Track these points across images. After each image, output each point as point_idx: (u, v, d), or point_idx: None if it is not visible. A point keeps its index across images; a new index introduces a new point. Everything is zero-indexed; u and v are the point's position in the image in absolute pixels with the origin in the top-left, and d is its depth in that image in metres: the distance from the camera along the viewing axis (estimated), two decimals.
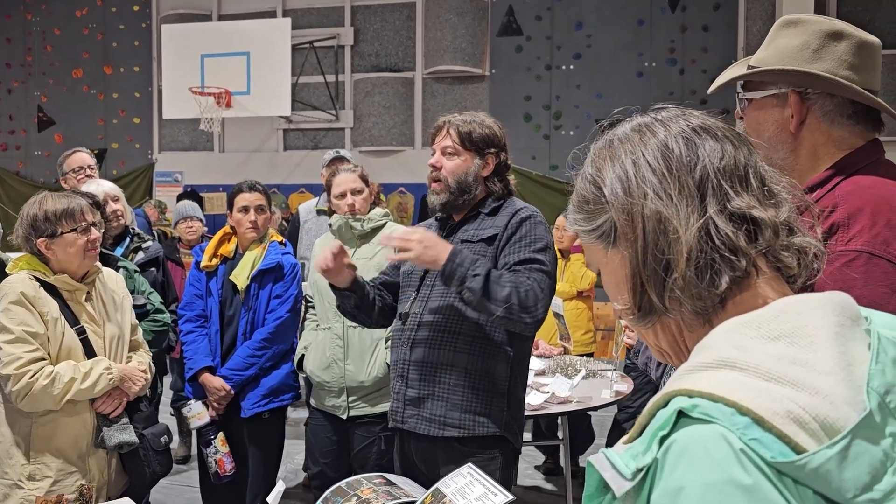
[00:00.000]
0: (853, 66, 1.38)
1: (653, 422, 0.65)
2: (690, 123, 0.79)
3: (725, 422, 0.59)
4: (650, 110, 0.85)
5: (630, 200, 0.76)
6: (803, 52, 1.39)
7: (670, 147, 0.77)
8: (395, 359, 2.30)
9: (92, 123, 10.41)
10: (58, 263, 2.42)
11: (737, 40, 8.59)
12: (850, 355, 0.64)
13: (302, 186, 9.65)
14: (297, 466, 4.66)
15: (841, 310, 0.68)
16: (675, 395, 0.64)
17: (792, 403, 0.60)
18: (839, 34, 1.39)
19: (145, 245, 3.47)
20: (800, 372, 0.62)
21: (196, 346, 3.18)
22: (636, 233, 0.75)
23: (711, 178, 0.74)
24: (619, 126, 0.84)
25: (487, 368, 2.18)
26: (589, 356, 4.67)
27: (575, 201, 0.85)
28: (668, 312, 0.75)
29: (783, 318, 0.67)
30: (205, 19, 9.68)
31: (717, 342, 0.67)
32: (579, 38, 8.98)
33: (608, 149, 0.81)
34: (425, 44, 9.26)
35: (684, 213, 0.73)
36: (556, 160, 9.09)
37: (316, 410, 3.12)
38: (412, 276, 2.32)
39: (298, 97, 9.09)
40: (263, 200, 3.19)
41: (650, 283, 0.75)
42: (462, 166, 2.23)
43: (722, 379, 0.62)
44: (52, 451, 2.36)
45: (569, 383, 3.51)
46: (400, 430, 2.29)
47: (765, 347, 0.64)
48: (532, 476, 4.71)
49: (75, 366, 2.37)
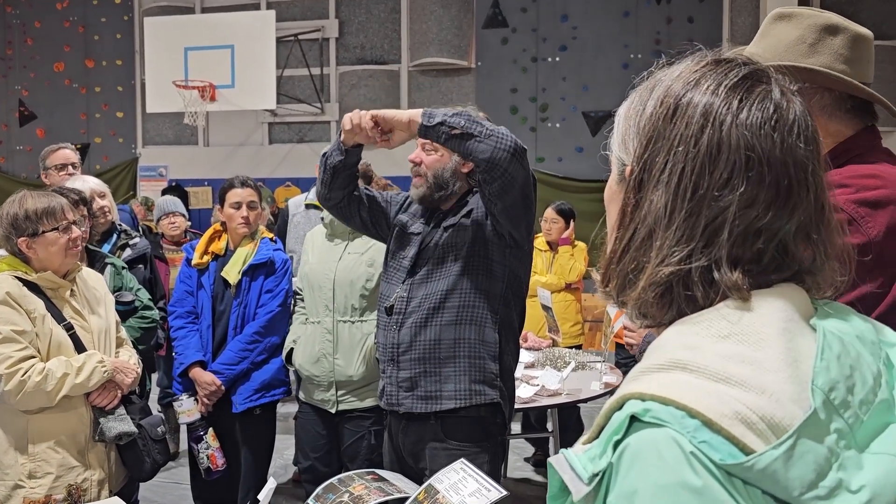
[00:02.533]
0: (849, 60, 1.39)
1: (608, 425, 0.66)
2: (758, 146, 0.69)
3: (676, 425, 0.60)
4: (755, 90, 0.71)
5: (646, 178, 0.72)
6: (799, 47, 1.40)
7: (719, 162, 0.69)
8: (383, 343, 2.30)
9: (74, 117, 10.30)
10: (39, 262, 2.41)
11: (722, 31, 8.62)
12: (796, 351, 0.65)
13: (288, 180, 9.61)
14: (287, 461, 4.66)
15: (789, 306, 0.68)
16: (629, 397, 0.65)
17: (739, 404, 0.61)
18: (834, 28, 1.39)
19: (132, 242, 3.44)
20: (747, 371, 0.62)
21: (187, 342, 3.17)
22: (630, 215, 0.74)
23: (725, 229, 0.68)
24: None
25: (477, 335, 2.19)
26: (578, 348, 4.69)
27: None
28: (621, 306, 0.76)
29: (731, 317, 0.67)
30: (188, 12, 9.59)
31: (669, 342, 0.68)
32: (565, 30, 8.99)
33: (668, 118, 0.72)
34: (410, 36, 9.22)
35: (669, 245, 0.70)
36: (542, 152, 9.10)
37: (305, 404, 3.12)
38: (403, 261, 2.31)
39: (283, 90, 9.04)
40: (255, 196, 3.18)
41: (615, 274, 0.75)
42: (439, 161, 2.25)
43: (673, 381, 0.63)
44: (51, 446, 2.36)
45: (558, 376, 3.53)
46: (394, 413, 2.29)
47: (714, 346, 0.65)
48: (522, 468, 4.73)
49: (67, 361, 2.36)
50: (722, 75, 0.72)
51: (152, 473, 2.65)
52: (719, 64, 0.74)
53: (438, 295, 2.20)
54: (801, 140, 0.70)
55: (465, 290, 2.19)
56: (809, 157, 0.71)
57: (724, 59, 0.74)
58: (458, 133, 2.01)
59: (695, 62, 0.75)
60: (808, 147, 0.71)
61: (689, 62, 0.76)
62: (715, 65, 0.74)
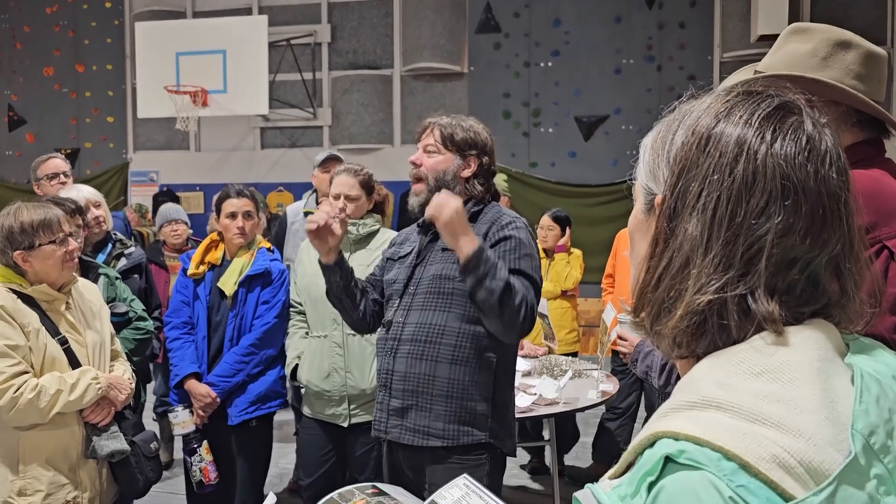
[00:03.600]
0: (860, 76, 1.39)
1: (640, 463, 0.64)
2: (795, 173, 0.69)
3: (713, 468, 0.59)
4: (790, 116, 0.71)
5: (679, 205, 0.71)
6: (811, 60, 1.40)
7: (755, 191, 0.68)
8: (379, 368, 2.29)
9: (64, 122, 10.23)
10: (35, 275, 2.38)
11: (713, 37, 8.66)
12: (832, 392, 0.64)
13: (280, 185, 9.57)
14: (282, 471, 4.63)
15: (824, 342, 0.68)
16: (661, 436, 0.63)
17: (777, 447, 0.60)
18: (847, 43, 1.40)
19: (128, 251, 3.41)
20: (783, 411, 0.61)
21: (182, 353, 3.13)
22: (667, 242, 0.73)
23: (763, 258, 0.68)
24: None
25: (470, 377, 2.17)
26: (573, 355, 4.69)
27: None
28: (652, 336, 0.75)
29: (765, 353, 0.66)
30: (179, 16, 9.55)
31: (701, 378, 0.67)
32: (557, 35, 9.00)
33: (697, 147, 0.72)
34: (403, 41, 9.21)
35: (707, 273, 0.69)
36: (535, 157, 9.11)
37: (310, 419, 3.08)
38: (396, 284, 2.30)
39: (276, 95, 9.01)
40: (251, 206, 3.15)
41: (649, 303, 0.74)
42: (442, 163, 2.24)
43: (707, 421, 0.62)
44: (41, 464, 2.32)
45: (555, 385, 3.51)
46: (392, 442, 2.28)
47: (747, 384, 0.64)
48: (518, 476, 4.72)
49: (61, 377, 2.33)
50: (754, 105, 0.72)
51: (145, 491, 2.62)
52: (750, 95, 0.74)
53: (435, 329, 2.17)
54: (833, 170, 0.70)
55: (463, 331, 2.17)
56: (842, 188, 0.70)
57: (755, 90, 0.74)
58: (487, 302, 2.04)
59: (725, 93, 0.75)
60: (841, 178, 0.71)
61: (719, 94, 0.76)
62: (746, 96, 0.74)
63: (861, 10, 8.13)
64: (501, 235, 2.19)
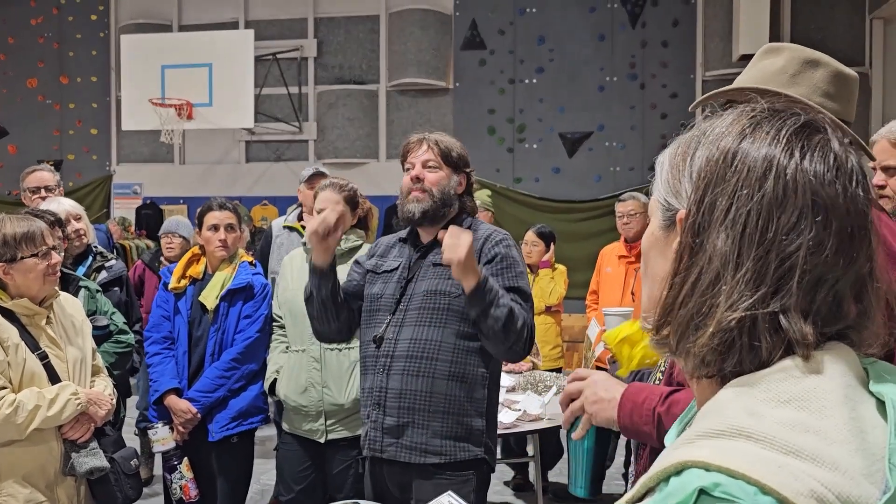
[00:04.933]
0: (828, 94, 1.42)
1: (666, 492, 0.62)
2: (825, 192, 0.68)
3: (749, 502, 0.57)
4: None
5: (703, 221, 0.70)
6: (780, 77, 1.43)
7: (786, 206, 0.67)
8: (369, 385, 2.26)
9: (47, 134, 10.16)
10: (16, 288, 2.35)
11: (695, 56, 8.77)
12: (861, 421, 0.63)
13: (265, 198, 9.54)
14: (263, 487, 4.58)
15: (847, 370, 0.66)
16: (690, 465, 0.61)
17: (813, 481, 0.58)
18: (816, 62, 1.43)
19: (108, 264, 3.38)
20: (814, 442, 0.60)
21: (162, 368, 3.10)
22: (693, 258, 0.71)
23: (795, 275, 0.66)
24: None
25: (466, 393, 2.18)
26: (558, 371, 4.69)
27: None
28: (676, 356, 0.73)
29: (792, 380, 0.64)
30: (165, 29, 9.54)
31: (727, 405, 0.65)
32: (542, 53, 9.07)
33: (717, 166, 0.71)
34: (389, 56, 9.25)
35: (739, 289, 0.67)
36: (520, 173, 9.15)
37: (288, 435, 3.06)
38: (383, 299, 2.28)
39: (261, 109, 9.00)
40: (233, 219, 3.13)
41: (675, 321, 0.71)
42: (444, 178, 2.26)
43: (739, 451, 0.60)
44: (18, 480, 2.29)
45: (540, 401, 3.51)
46: (378, 458, 2.26)
47: (775, 412, 0.62)
48: (501, 492, 4.70)
49: (39, 393, 2.30)
50: (780, 122, 0.71)
51: None
52: (775, 113, 0.73)
53: (432, 345, 2.17)
54: (860, 189, 0.69)
55: (459, 346, 2.17)
56: (867, 207, 0.70)
57: (779, 108, 0.73)
58: (492, 329, 2.07)
59: (749, 109, 0.74)
60: (867, 197, 0.70)
61: (742, 110, 0.74)
62: (771, 113, 0.73)
63: (839, 30, 8.27)
64: (496, 252, 2.21)
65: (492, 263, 2.18)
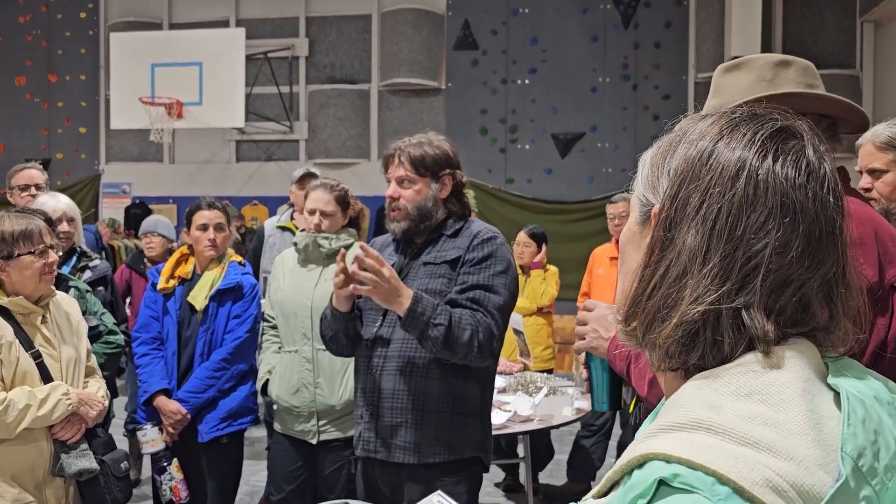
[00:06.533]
0: (810, 86, 1.47)
1: (629, 484, 0.64)
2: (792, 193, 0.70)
3: (706, 492, 0.59)
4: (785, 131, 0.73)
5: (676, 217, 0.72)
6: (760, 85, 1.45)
7: (756, 206, 0.69)
8: (362, 386, 2.25)
9: (35, 133, 10.09)
10: (12, 286, 2.34)
11: (688, 57, 8.80)
12: (817, 413, 0.65)
13: (255, 198, 9.52)
14: (253, 489, 4.55)
15: (807, 364, 0.68)
16: (652, 457, 0.63)
17: (769, 471, 0.60)
18: (786, 62, 1.47)
19: (92, 264, 3.35)
20: (772, 434, 0.62)
21: (151, 369, 3.07)
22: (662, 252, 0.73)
23: (760, 273, 0.68)
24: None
25: (461, 392, 2.17)
26: (549, 372, 4.68)
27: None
28: (643, 347, 0.75)
29: (752, 375, 0.67)
30: (155, 28, 9.49)
31: (690, 399, 0.67)
32: (534, 53, 9.08)
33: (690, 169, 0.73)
34: (381, 56, 9.24)
35: (704, 284, 0.69)
36: (512, 173, 9.15)
37: (280, 435, 3.04)
38: (374, 309, 2.26)
39: (252, 108, 8.97)
40: (222, 218, 3.11)
41: (642, 312, 0.74)
42: (421, 193, 2.21)
43: (699, 444, 0.62)
44: (6, 480, 2.26)
45: (530, 401, 3.50)
46: (370, 458, 2.25)
47: (735, 405, 0.65)
48: (492, 494, 4.68)
49: (30, 392, 2.27)
50: (757, 126, 0.73)
51: None
52: (754, 117, 0.75)
53: None
54: (831, 195, 0.71)
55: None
56: (838, 213, 0.72)
57: (759, 112, 0.76)
58: (435, 349, 2.07)
59: (729, 112, 0.76)
60: (837, 203, 0.72)
61: (722, 112, 0.77)
62: (749, 117, 0.75)
63: (830, 33, 8.31)
64: (478, 250, 2.18)
65: (472, 261, 2.16)
